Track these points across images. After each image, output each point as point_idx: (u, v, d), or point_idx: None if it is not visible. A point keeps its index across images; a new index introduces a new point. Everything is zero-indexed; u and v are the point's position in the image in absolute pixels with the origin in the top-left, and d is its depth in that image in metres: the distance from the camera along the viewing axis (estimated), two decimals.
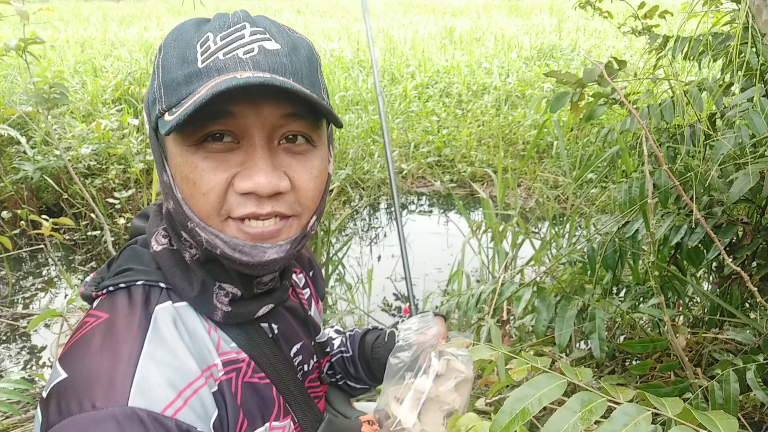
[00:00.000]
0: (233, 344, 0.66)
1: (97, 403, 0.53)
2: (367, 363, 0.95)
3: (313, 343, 0.80)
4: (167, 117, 0.56)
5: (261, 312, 0.68)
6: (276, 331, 0.72)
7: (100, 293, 0.65)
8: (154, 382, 0.55)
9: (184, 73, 0.57)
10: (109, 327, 0.59)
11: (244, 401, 0.65)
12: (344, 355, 0.98)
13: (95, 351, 0.57)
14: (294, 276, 0.81)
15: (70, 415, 0.52)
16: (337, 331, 1.02)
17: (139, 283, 0.64)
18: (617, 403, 0.54)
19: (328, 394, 0.90)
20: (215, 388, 0.62)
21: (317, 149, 0.63)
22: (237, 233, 0.59)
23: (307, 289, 0.84)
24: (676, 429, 0.51)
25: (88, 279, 0.68)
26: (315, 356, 0.80)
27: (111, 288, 0.64)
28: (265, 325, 0.71)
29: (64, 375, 0.56)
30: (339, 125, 0.61)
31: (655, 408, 0.53)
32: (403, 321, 0.92)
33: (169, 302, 0.63)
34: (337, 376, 0.99)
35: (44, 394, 0.57)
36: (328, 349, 0.88)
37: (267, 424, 0.67)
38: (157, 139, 0.62)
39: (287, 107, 0.58)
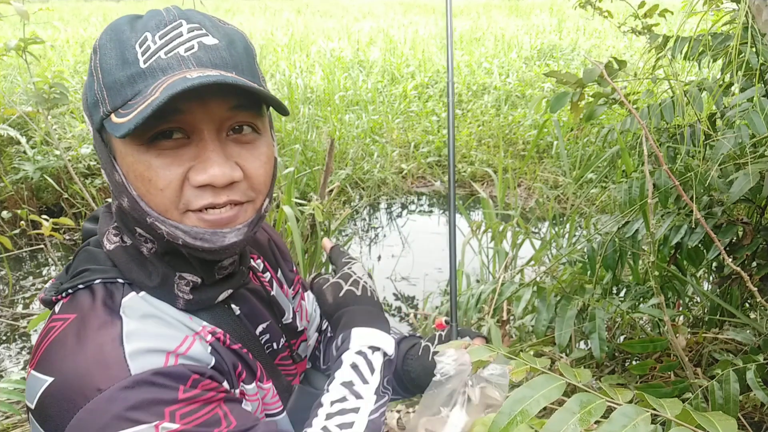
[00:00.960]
0: (204, 322, 0.68)
1: (101, 386, 0.54)
2: (398, 374, 0.92)
3: (279, 324, 0.82)
4: (115, 119, 0.57)
5: (221, 297, 0.70)
6: (239, 312, 0.74)
7: (60, 297, 0.66)
8: (145, 350, 0.58)
9: (127, 74, 0.58)
10: (80, 324, 0.60)
11: (235, 359, 0.69)
12: None
13: (74, 347, 0.58)
14: (252, 261, 0.83)
15: (79, 409, 0.54)
16: None
17: (98, 281, 0.65)
18: (616, 404, 0.54)
19: (308, 374, 0.91)
20: (209, 348, 0.65)
21: (262, 136, 0.65)
22: (197, 222, 0.61)
23: (267, 273, 0.86)
24: (676, 430, 0.51)
25: (47, 285, 0.70)
26: (284, 336, 0.82)
27: (70, 290, 0.65)
28: (226, 306, 0.73)
29: (49, 379, 0.57)
30: (286, 113, 0.63)
31: (654, 409, 0.53)
32: (440, 337, 0.88)
33: (133, 293, 0.65)
34: None
35: (32, 405, 0.58)
36: (300, 330, 0.88)
37: (254, 383, 0.71)
38: (102, 139, 0.62)
39: (232, 100, 0.60)
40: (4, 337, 3.09)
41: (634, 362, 1.93)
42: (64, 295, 0.66)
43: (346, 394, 0.71)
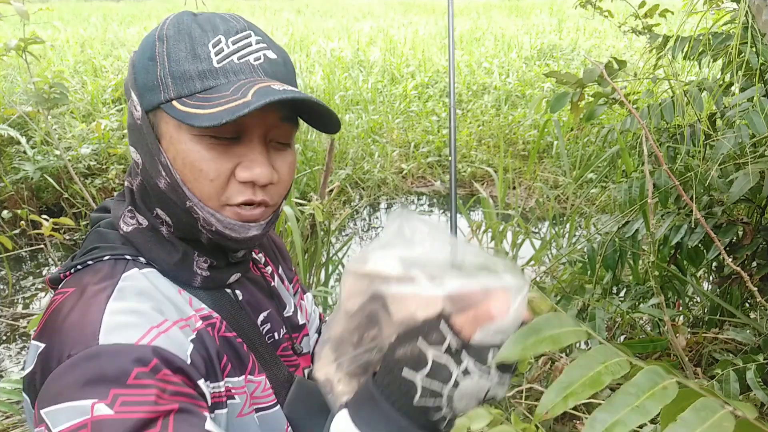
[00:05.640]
0: (203, 305, 0.70)
1: (71, 351, 0.56)
2: None
3: (281, 316, 0.83)
4: (179, 106, 0.62)
5: (232, 279, 0.74)
6: (241, 298, 0.76)
7: (67, 273, 0.68)
8: (122, 323, 0.59)
9: (198, 68, 0.63)
10: (77, 295, 0.63)
11: (223, 350, 0.69)
12: None
13: (65, 316, 0.61)
14: (254, 254, 0.86)
15: (51, 373, 0.56)
16: None
17: (106, 258, 0.67)
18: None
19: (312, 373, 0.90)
20: (193, 336, 0.65)
21: (291, 146, 0.72)
22: (232, 215, 0.67)
23: (269, 267, 0.89)
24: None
25: (53, 271, 0.72)
26: (284, 327, 0.83)
27: (79, 267, 0.67)
28: (229, 291, 0.75)
29: (42, 345, 0.60)
30: (335, 131, 0.71)
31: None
32: None
33: (136, 269, 0.66)
34: None
35: (28, 370, 0.60)
36: (301, 323, 0.89)
37: (243, 377, 0.71)
38: (149, 121, 0.66)
39: (283, 112, 0.67)
40: (4, 337, 3.10)
41: None
42: (72, 271, 0.68)
43: None
